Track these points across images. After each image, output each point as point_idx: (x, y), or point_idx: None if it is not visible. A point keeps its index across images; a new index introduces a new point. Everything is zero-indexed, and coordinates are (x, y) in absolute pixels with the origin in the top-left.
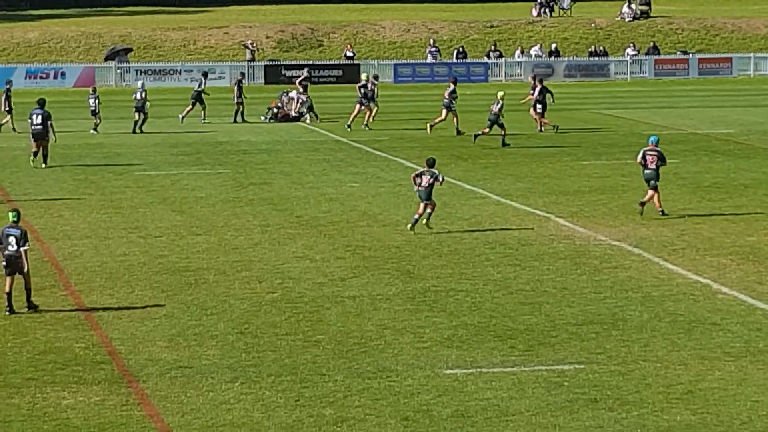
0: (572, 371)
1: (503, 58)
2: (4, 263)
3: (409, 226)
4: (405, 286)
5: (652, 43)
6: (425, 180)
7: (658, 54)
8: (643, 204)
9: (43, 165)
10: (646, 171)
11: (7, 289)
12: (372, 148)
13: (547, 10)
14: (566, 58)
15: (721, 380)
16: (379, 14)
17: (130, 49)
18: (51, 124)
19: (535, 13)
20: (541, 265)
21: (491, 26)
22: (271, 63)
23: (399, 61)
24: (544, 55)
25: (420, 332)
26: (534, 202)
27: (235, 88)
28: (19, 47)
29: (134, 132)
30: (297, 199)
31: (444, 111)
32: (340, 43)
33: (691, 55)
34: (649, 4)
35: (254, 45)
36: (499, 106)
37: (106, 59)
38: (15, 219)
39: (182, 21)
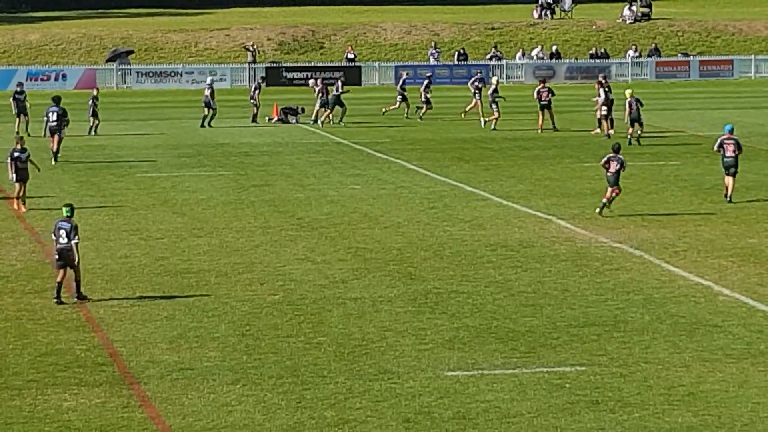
0: (573, 373)
1: (504, 60)
2: (56, 256)
3: (597, 210)
4: (406, 288)
5: (653, 45)
6: (613, 166)
7: (659, 56)
8: (727, 194)
9: (53, 162)
10: (726, 159)
11: (59, 279)
12: (373, 150)
13: (548, 12)
14: (567, 60)
15: (723, 382)
16: (380, 16)
17: (132, 51)
18: (67, 121)
19: (536, 15)
20: (543, 267)
21: (492, 28)
22: (272, 65)
23: (400, 63)
24: (545, 57)
25: (421, 334)
26: (535, 204)
27: (255, 91)
28: (20, 49)
29: (202, 126)
30: (298, 201)
31: (495, 109)
32: (341, 45)
33: (692, 57)
34: (650, 6)
35: (255, 47)
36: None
37: (108, 61)
38: (68, 213)
39: (183, 23)
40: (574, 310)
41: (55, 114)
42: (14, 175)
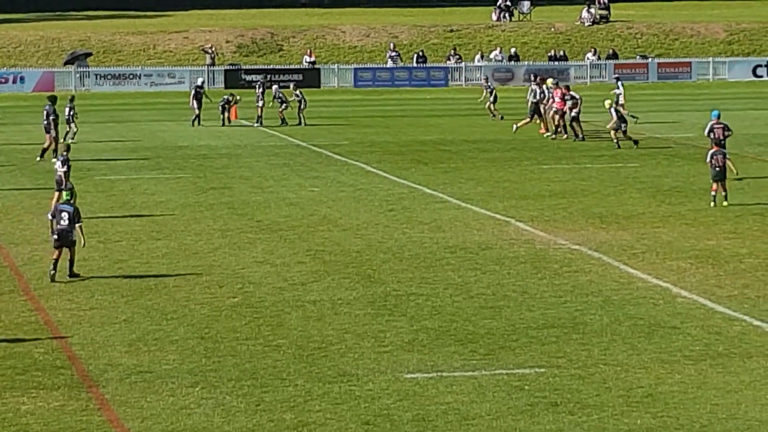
0: (533, 375)
1: (463, 63)
2: (56, 236)
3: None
4: (365, 290)
5: (611, 50)
6: (720, 159)
7: (617, 58)
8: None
9: (54, 158)
10: (717, 140)
11: (54, 256)
12: (332, 153)
13: (506, 14)
14: (526, 63)
15: (681, 384)
16: (339, 19)
17: (90, 54)
18: (54, 120)
19: (494, 17)
20: (502, 270)
21: (451, 31)
22: (230, 67)
23: (359, 66)
24: (504, 60)
25: (381, 336)
26: (494, 206)
27: (262, 92)
28: None
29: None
30: (257, 204)
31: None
32: (300, 48)
33: (650, 59)
34: (608, 8)
35: (214, 49)
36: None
37: (66, 64)
38: (68, 197)
39: (142, 25)
40: (533, 312)
41: (44, 113)
42: None
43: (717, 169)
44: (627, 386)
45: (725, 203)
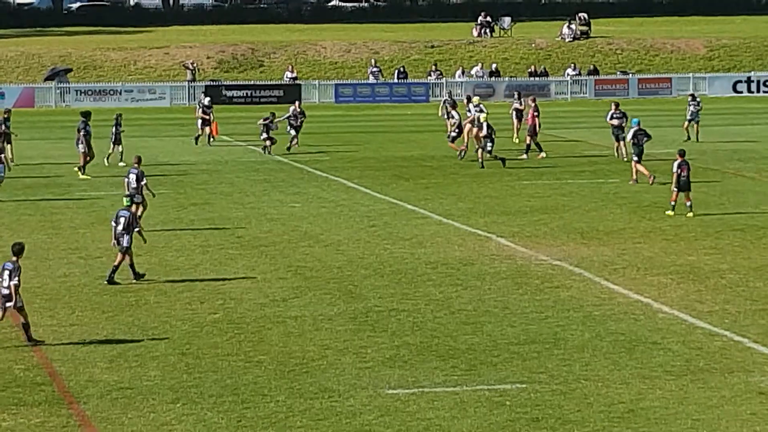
0: (514, 391)
1: (444, 79)
2: (114, 241)
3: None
4: (347, 306)
5: (592, 66)
6: (684, 170)
7: (598, 74)
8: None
9: (80, 174)
10: (637, 148)
11: (116, 262)
12: (313, 168)
13: (487, 30)
14: (507, 79)
15: (662, 399)
16: (320, 34)
17: (70, 70)
18: (85, 136)
19: (475, 33)
20: (483, 285)
21: (432, 46)
22: (211, 83)
23: (340, 81)
24: (484, 76)
25: (362, 352)
26: (475, 222)
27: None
28: None
29: (204, 142)
30: (238, 220)
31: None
32: (281, 64)
33: (630, 75)
34: (588, 24)
35: (194, 65)
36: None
37: (46, 80)
38: (128, 204)
39: (122, 41)
40: (514, 327)
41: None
42: None
43: (683, 178)
44: (608, 402)
45: (690, 214)
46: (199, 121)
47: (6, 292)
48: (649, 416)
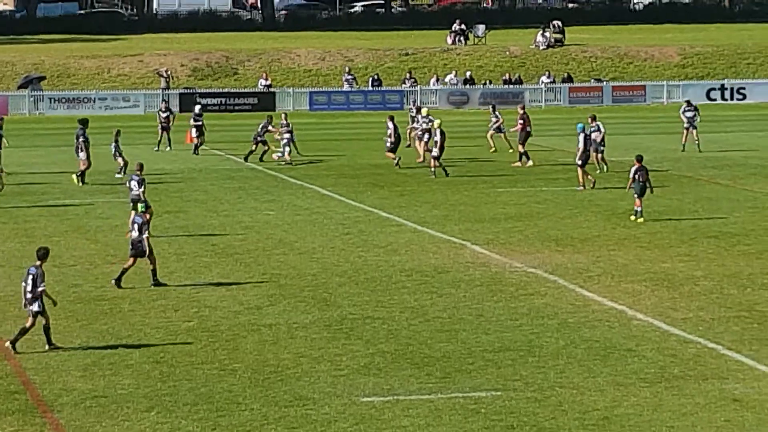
0: (489, 398)
1: (419, 86)
2: (130, 246)
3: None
4: (321, 314)
5: (566, 74)
6: (642, 175)
7: (572, 82)
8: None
9: (80, 183)
10: (585, 154)
11: (126, 265)
12: (287, 176)
13: (461, 38)
14: (481, 86)
15: (637, 406)
16: (294, 42)
17: (44, 78)
18: (84, 143)
19: (449, 41)
20: (458, 293)
21: (406, 54)
22: (185, 91)
23: (314, 89)
24: (459, 83)
25: (337, 360)
26: (450, 229)
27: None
28: None
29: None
30: (212, 227)
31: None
32: (256, 71)
33: (604, 82)
34: (562, 32)
35: (169, 73)
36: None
37: (20, 87)
38: (143, 210)
39: (96, 49)
40: (489, 335)
41: (74, 137)
42: None
43: (639, 184)
44: (583, 409)
45: (640, 220)
46: (193, 130)
47: (29, 296)
48: (623, 423)
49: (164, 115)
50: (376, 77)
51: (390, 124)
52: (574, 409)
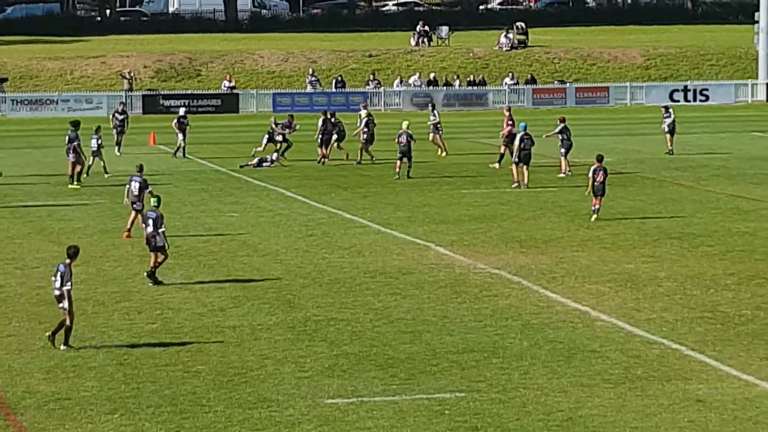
0: (453, 399)
1: (382, 88)
2: (145, 242)
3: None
4: (285, 315)
5: (529, 75)
6: (600, 175)
7: (536, 83)
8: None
9: (77, 184)
10: (523, 152)
11: (151, 263)
12: (251, 178)
13: (425, 39)
14: (445, 88)
15: (601, 407)
16: (258, 44)
17: (6, 79)
18: (78, 145)
19: (413, 42)
20: (422, 294)
21: (370, 55)
22: (148, 93)
23: (278, 91)
24: (422, 85)
25: (301, 362)
26: (414, 231)
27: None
28: None
29: (185, 156)
30: (176, 229)
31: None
32: (219, 73)
33: (568, 84)
34: (526, 34)
35: (132, 75)
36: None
37: None
38: (155, 204)
39: (59, 51)
40: (453, 336)
41: (66, 138)
42: None
43: (597, 183)
44: (547, 410)
45: (593, 217)
46: (181, 134)
47: (57, 293)
48: (587, 424)
49: (121, 117)
50: (339, 79)
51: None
52: (538, 410)
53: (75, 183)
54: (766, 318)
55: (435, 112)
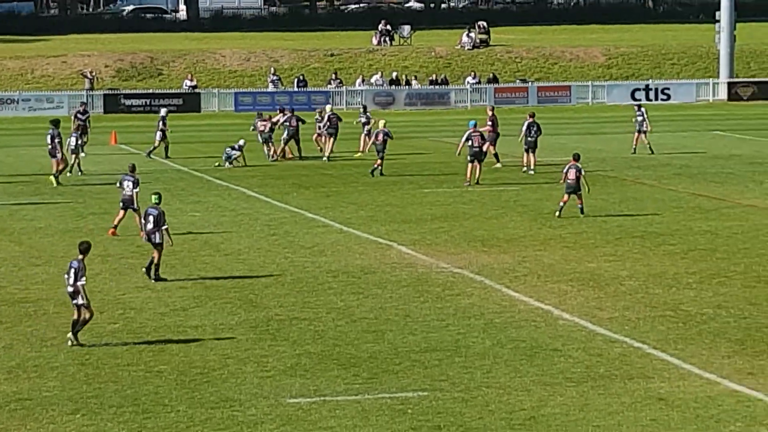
0: (416, 399)
1: (344, 87)
2: (146, 238)
3: (557, 213)
4: (247, 315)
5: (491, 74)
6: (572, 173)
7: (498, 82)
8: (470, 183)
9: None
10: (473, 149)
11: (155, 260)
12: (213, 177)
13: (387, 38)
14: (407, 87)
15: (563, 406)
16: (219, 43)
17: None
18: (59, 143)
19: (375, 41)
20: (384, 293)
21: (332, 55)
22: (110, 92)
23: (240, 90)
24: (384, 84)
25: (263, 361)
26: (376, 230)
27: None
28: None
29: (167, 157)
30: (137, 229)
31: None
32: (180, 72)
33: (530, 83)
34: (488, 33)
35: (93, 74)
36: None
37: None
38: (156, 201)
39: (19, 50)
40: (415, 335)
41: (49, 137)
42: None
43: (569, 181)
44: (509, 409)
45: (581, 215)
46: (158, 134)
47: (71, 290)
48: (550, 423)
49: (83, 117)
50: (301, 78)
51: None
52: (501, 408)
53: (55, 180)
54: (728, 316)
55: (367, 113)
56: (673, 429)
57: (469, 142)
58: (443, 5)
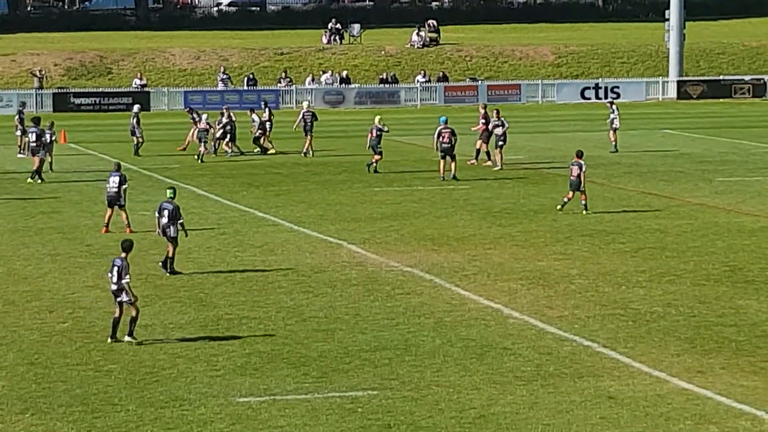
0: (366, 397)
1: (294, 86)
2: (160, 232)
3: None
4: (197, 314)
5: (441, 73)
6: (575, 170)
7: (448, 81)
8: (445, 177)
9: (37, 180)
10: (443, 145)
11: (170, 254)
12: (163, 176)
13: (337, 37)
14: (357, 85)
15: (513, 404)
16: (169, 42)
17: None
18: (44, 142)
19: (325, 40)
20: (334, 292)
21: (281, 53)
22: (59, 91)
23: (189, 89)
24: (334, 83)
25: (213, 360)
26: (326, 229)
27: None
28: None
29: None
30: (87, 228)
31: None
32: (130, 71)
33: (480, 81)
34: (438, 31)
35: (42, 73)
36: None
37: None
38: (171, 195)
39: None
40: (365, 334)
41: (34, 134)
42: None
43: (572, 178)
44: (459, 407)
45: (584, 212)
46: (138, 131)
47: (114, 287)
48: (500, 421)
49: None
50: (251, 77)
51: (254, 117)
52: (451, 407)
53: (36, 178)
54: (678, 315)
55: (267, 109)
56: (622, 427)
57: (440, 139)
58: (393, 5)
